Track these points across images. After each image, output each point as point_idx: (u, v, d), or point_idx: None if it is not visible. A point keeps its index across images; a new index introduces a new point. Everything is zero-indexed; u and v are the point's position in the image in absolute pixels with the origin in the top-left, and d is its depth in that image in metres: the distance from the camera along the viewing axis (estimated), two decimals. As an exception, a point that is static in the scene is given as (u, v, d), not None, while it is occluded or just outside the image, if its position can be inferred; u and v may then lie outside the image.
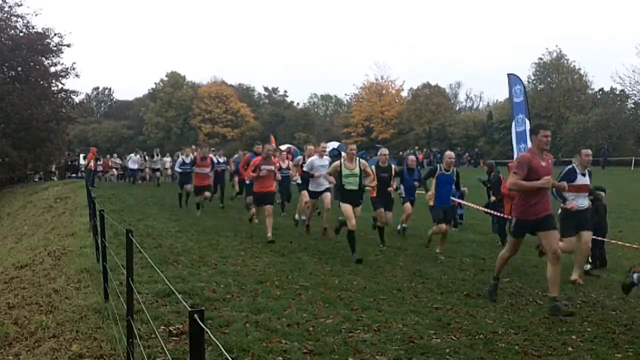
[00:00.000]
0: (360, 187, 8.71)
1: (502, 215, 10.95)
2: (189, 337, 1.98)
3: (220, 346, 2.38)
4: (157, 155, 26.85)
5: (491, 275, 7.28)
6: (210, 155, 14.65)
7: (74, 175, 28.72)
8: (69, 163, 30.87)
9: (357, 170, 8.67)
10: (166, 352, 3.71)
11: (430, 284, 6.66)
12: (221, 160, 17.41)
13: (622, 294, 6.32)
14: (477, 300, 5.96)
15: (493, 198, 11.50)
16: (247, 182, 12.73)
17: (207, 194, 13.37)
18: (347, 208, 8.44)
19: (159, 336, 4.02)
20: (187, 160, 14.54)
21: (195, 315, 1.87)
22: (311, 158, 10.53)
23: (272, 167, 9.93)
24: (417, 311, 5.33)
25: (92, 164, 23.14)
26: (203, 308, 2.00)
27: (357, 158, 8.85)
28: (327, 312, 5.16)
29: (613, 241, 9.76)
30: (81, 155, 30.85)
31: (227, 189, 17.02)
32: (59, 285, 6.10)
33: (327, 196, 9.97)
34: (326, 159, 10.34)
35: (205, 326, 1.86)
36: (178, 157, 22.09)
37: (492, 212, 11.72)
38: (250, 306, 5.23)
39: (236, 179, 16.96)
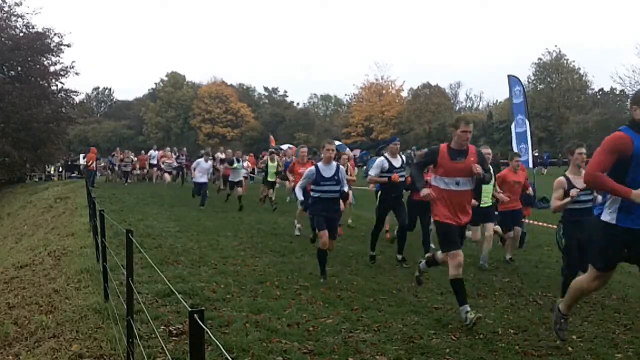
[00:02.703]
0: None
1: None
2: (189, 337, 1.98)
3: (220, 346, 2.38)
4: (238, 161, 15.42)
5: (491, 275, 7.30)
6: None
7: (73, 175, 28.78)
8: (69, 163, 30.98)
9: None
10: (166, 352, 3.71)
11: (430, 284, 6.65)
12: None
13: (620, 296, 6.32)
14: (477, 300, 5.95)
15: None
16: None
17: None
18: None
19: (159, 336, 4.02)
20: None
21: (195, 315, 1.87)
22: None
23: None
24: (417, 311, 5.33)
25: (93, 164, 23.13)
26: (203, 308, 2.01)
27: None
28: (327, 312, 5.16)
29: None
30: (81, 155, 30.90)
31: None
32: (59, 285, 6.10)
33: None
34: None
35: (205, 326, 1.86)
36: (273, 156, 15.13)
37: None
38: (250, 306, 5.23)
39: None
